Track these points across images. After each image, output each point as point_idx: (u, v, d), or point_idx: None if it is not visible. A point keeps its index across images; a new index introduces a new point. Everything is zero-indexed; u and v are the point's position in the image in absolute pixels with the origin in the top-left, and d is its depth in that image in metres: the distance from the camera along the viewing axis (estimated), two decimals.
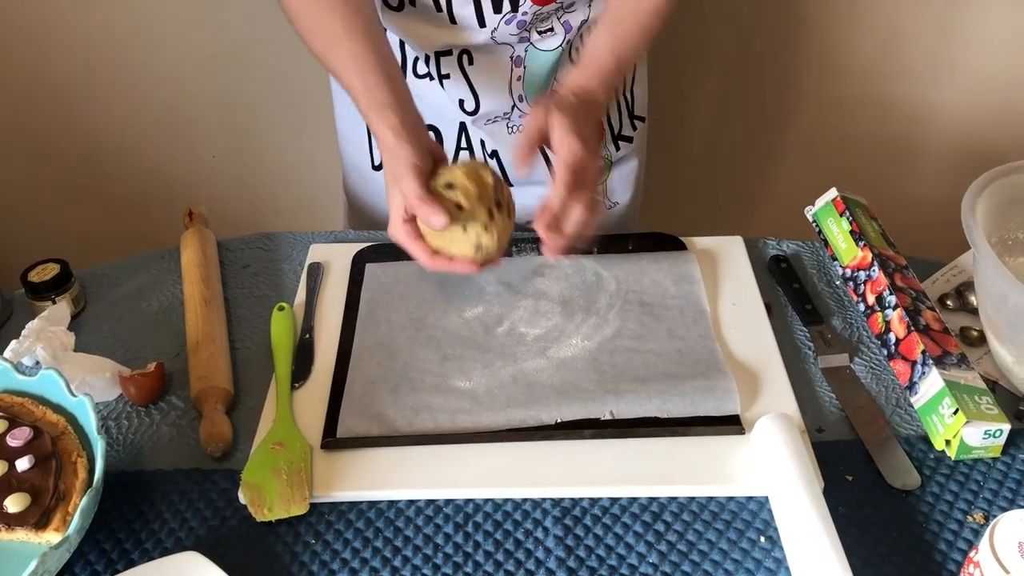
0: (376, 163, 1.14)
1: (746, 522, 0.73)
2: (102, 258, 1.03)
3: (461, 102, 1.04)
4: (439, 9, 0.96)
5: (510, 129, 1.06)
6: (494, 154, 1.08)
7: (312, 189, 1.69)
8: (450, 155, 1.10)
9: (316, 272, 0.97)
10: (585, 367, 0.85)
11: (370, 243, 1.02)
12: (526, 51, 1.01)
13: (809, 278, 0.97)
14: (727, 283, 0.95)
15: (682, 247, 1.00)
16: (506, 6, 0.95)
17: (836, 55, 1.59)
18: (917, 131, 1.65)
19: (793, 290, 0.94)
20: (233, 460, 0.79)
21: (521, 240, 1.00)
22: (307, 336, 0.89)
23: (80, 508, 0.64)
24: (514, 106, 1.04)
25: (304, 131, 1.63)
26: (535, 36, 1.00)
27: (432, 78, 1.03)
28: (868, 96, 1.62)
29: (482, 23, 0.97)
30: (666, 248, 1.00)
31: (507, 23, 0.97)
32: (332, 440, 0.79)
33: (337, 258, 1.00)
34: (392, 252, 0.99)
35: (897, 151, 1.67)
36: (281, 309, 0.91)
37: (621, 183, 1.17)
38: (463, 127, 1.08)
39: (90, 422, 0.71)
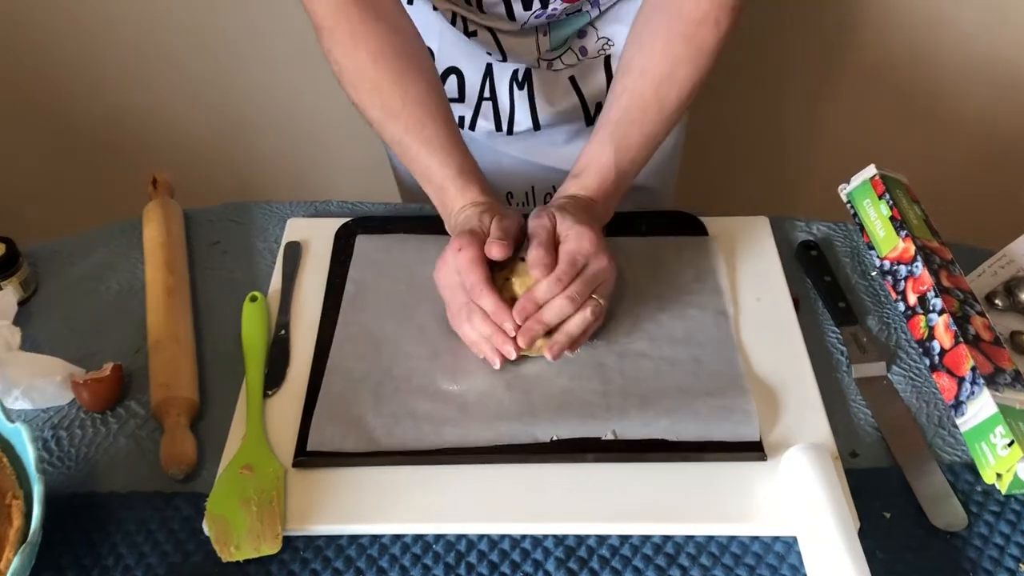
0: None
1: (772, 567, 0.65)
2: (53, 230, 0.93)
3: (488, 53, 0.97)
4: (468, 2, 0.91)
5: (538, 63, 0.98)
6: (527, 78, 0.98)
7: (298, 152, 1.54)
8: (473, 100, 1.01)
9: (293, 254, 0.87)
10: (589, 374, 0.76)
11: (356, 216, 0.92)
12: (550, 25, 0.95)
13: (842, 269, 0.87)
14: (751, 273, 0.85)
15: (701, 229, 0.90)
16: (536, 4, 0.89)
17: (875, 12, 1.44)
18: (960, 99, 1.51)
19: (824, 283, 0.85)
20: (199, 481, 0.71)
21: (525, 217, 0.90)
22: (282, 333, 0.80)
23: (12, 570, 0.56)
24: (539, 59, 0.97)
25: (294, 78, 1.47)
26: (564, 17, 0.94)
27: (458, 32, 0.96)
28: (909, 60, 1.48)
29: (512, 17, 0.91)
30: (684, 230, 0.89)
31: (536, 17, 0.92)
32: (305, 459, 0.70)
33: (318, 235, 0.90)
34: (384, 225, 0.90)
35: (939, 122, 1.52)
36: (253, 300, 0.82)
37: (652, 164, 1.06)
38: (489, 69, 0.99)
39: (28, 455, 0.62)
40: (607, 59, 1.00)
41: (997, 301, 0.83)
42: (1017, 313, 0.82)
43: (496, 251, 0.73)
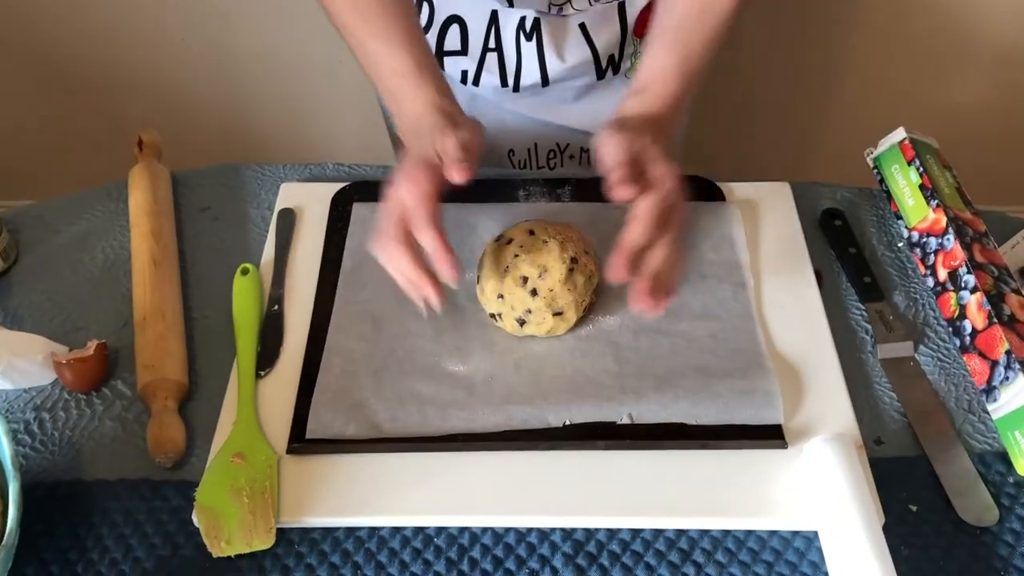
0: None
1: (791, 564, 0.62)
2: (39, 191, 0.89)
3: None
4: None
5: (549, 8, 0.90)
6: (535, 28, 0.91)
7: (292, 111, 1.46)
8: (477, 52, 0.94)
9: (287, 221, 0.83)
10: (602, 352, 0.72)
11: (355, 179, 0.87)
12: None
13: (867, 239, 0.83)
14: (771, 244, 0.81)
15: (719, 195, 0.85)
16: None
17: None
18: (996, 53, 1.42)
19: (849, 256, 0.80)
20: (188, 468, 0.67)
21: (530, 182, 0.86)
22: (276, 308, 0.76)
23: None
24: (550, 3, 0.89)
25: (289, 34, 1.39)
26: None
27: None
28: (943, 7, 1.40)
29: None
30: (700, 196, 0.84)
31: None
32: (300, 446, 0.67)
33: (313, 201, 0.85)
34: (382, 188, 0.85)
35: (967, 81, 1.45)
36: (245, 272, 0.77)
37: None
38: (495, 17, 0.91)
39: (3, 451, 0.58)
40: (621, 6, 0.93)
41: None
42: None
43: (457, 175, 0.67)
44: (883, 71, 1.44)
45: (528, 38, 0.93)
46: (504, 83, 0.96)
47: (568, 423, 0.67)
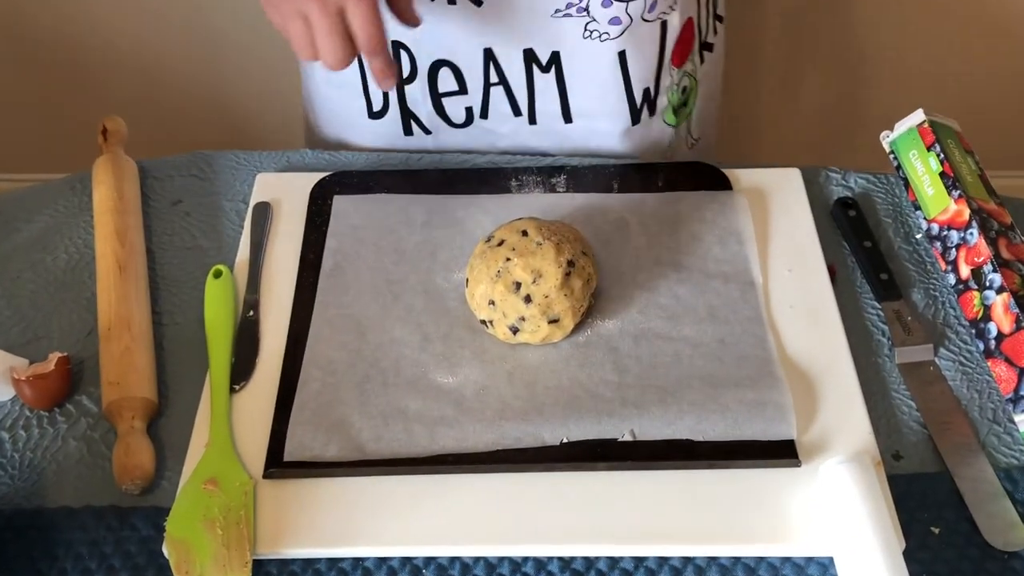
0: (375, 109, 0.89)
1: None
2: None
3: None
4: None
5: (588, 32, 0.81)
6: (552, 61, 0.82)
7: (269, 94, 1.36)
8: (478, 90, 0.85)
9: (263, 216, 0.77)
10: (601, 360, 0.67)
11: (336, 170, 0.81)
12: None
13: (883, 231, 0.77)
14: (781, 237, 0.76)
15: (725, 183, 0.79)
16: None
17: None
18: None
19: (864, 250, 0.75)
20: (159, 493, 0.63)
21: (523, 170, 0.80)
22: (251, 314, 0.71)
23: None
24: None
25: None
26: None
27: None
28: None
29: None
30: (705, 184, 0.79)
31: None
32: (278, 469, 0.62)
33: (290, 194, 0.79)
34: (366, 181, 0.79)
35: (990, 55, 1.37)
36: (218, 275, 0.72)
37: (706, 110, 0.93)
38: (490, 54, 0.82)
39: None
40: (664, 25, 0.83)
41: None
42: None
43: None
44: (901, 46, 1.37)
45: (544, 70, 0.84)
46: (517, 112, 0.86)
47: (565, 441, 0.63)
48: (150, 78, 1.34)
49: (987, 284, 0.68)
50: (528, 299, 0.65)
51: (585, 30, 0.81)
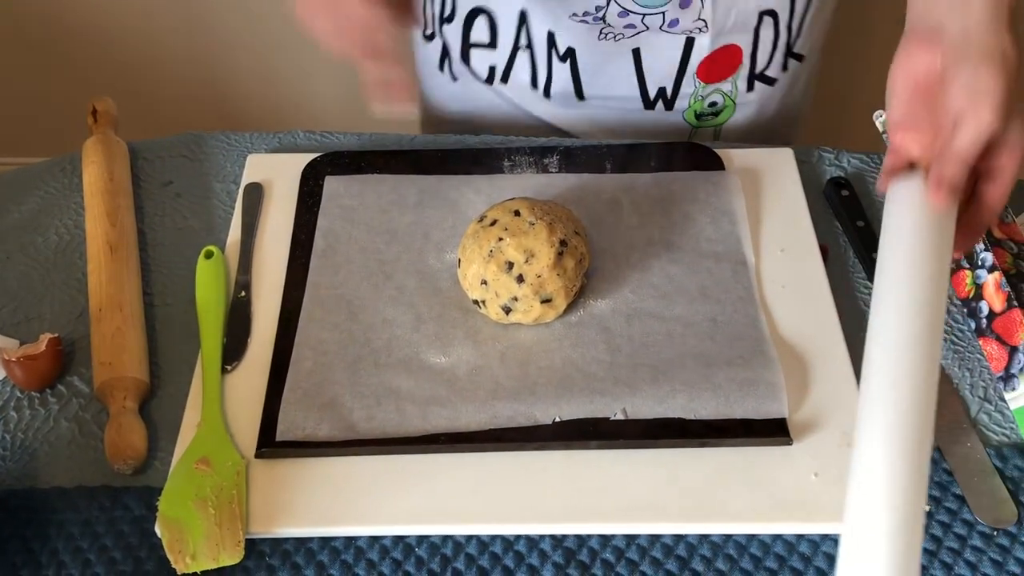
0: (428, 32, 0.90)
1: (796, 571, 0.58)
2: None
3: None
4: None
5: (603, 34, 0.81)
6: (568, 55, 0.84)
7: (261, 75, 1.35)
8: (506, 49, 0.86)
9: (254, 197, 0.77)
10: (593, 339, 0.67)
11: (327, 151, 0.81)
12: None
13: (876, 212, 0.77)
14: (774, 217, 0.75)
15: (717, 163, 0.79)
16: None
17: None
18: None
19: (856, 230, 0.75)
20: (151, 473, 0.63)
21: (515, 151, 0.80)
22: (243, 295, 0.70)
23: None
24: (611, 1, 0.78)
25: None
26: None
27: None
28: None
29: None
30: (697, 164, 0.79)
31: None
32: (271, 449, 0.62)
33: (282, 174, 0.79)
34: (357, 162, 0.79)
35: None
36: (209, 256, 0.72)
37: (742, 126, 0.91)
38: (524, 17, 0.83)
39: None
40: (689, 42, 0.82)
41: None
42: None
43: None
44: (894, 23, 1.36)
45: (562, 59, 0.84)
46: (535, 84, 0.87)
47: (558, 420, 0.63)
48: (140, 60, 1.33)
49: (979, 263, 0.68)
50: (521, 279, 0.65)
51: (600, 33, 0.81)
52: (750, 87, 0.88)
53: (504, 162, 0.79)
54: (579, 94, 0.86)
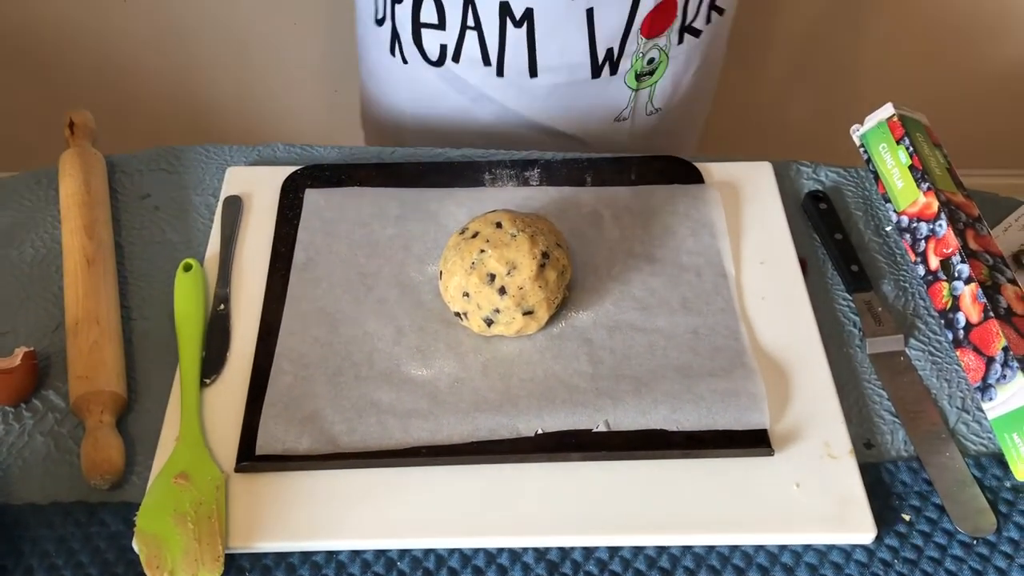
0: (379, 16, 0.92)
1: None
2: None
3: None
4: None
5: None
6: (526, 17, 0.85)
7: (239, 87, 1.35)
8: (455, 29, 0.88)
9: (233, 210, 0.77)
10: (575, 352, 0.67)
11: (307, 164, 0.81)
12: None
13: (854, 224, 0.78)
14: (753, 231, 0.76)
15: (697, 177, 0.80)
16: None
17: None
18: (989, 36, 1.37)
19: (835, 242, 0.76)
20: (128, 488, 0.62)
21: (496, 164, 0.80)
22: (222, 308, 0.70)
23: None
24: None
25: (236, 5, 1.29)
26: None
27: None
28: None
29: None
30: (677, 178, 0.79)
31: None
32: (250, 463, 0.61)
33: (261, 187, 0.79)
34: (338, 175, 0.79)
35: (958, 57, 1.39)
36: (188, 269, 0.71)
37: (671, 84, 0.95)
38: (468, 1, 0.85)
39: None
40: None
41: None
42: None
43: None
44: (872, 41, 1.39)
45: (517, 24, 0.86)
46: (487, 61, 0.89)
47: (540, 432, 0.63)
48: (117, 74, 1.32)
49: (956, 275, 0.69)
50: (503, 291, 0.65)
51: None
52: (680, 40, 0.91)
53: (485, 175, 0.79)
54: (532, 68, 0.88)
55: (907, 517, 0.61)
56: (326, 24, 1.19)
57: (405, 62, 0.93)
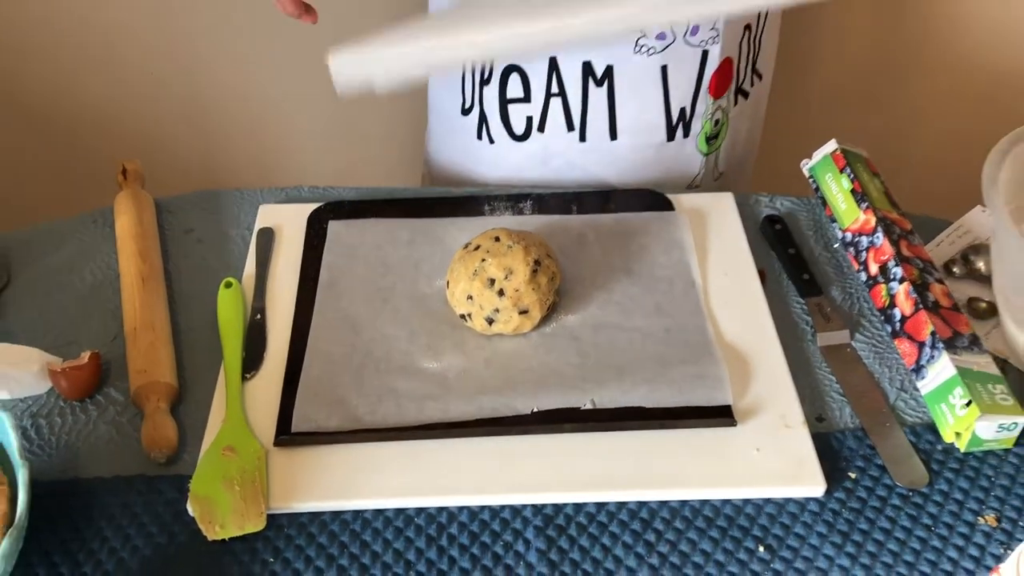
0: (467, 105, 1.01)
1: (743, 528, 0.67)
2: (24, 222, 0.93)
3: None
4: None
5: (638, 46, 0.91)
6: (606, 75, 0.93)
7: (265, 137, 1.50)
8: (539, 99, 0.96)
9: (266, 239, 0.88)
10: (565, 347, 0.78)
11: (326, 201, 0.93)
12: None
13: (806, 241, 0.90)
14: (718, 249, 0.87)
15: (668, 205, 0.92)
16: None
17: None
18: (919, 78, 1.52)
19: (788, 256, 0.87)
20: (181, 464, 0.71)
21: (494, 197, 0.92)
22: (258, 317, 0.81)
23: (1, 553, 0.56)
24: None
25: (261, 65, 1.44)
26: None
27: None
28: (867, 36, 1.49)
29: None
30: (651, 207, 0.91)
31: None
32: (287, 437, 0.71)
33: (290, 221, 0.90)
34: (356, 208, 0.91)
35: (896, 98, 1.54)
36: (228, 286, 0.82)
37: (731, 147, 1.04)
38: (553, 64, 0.93)
39: (11, 442, 0.63)
40: (704, 54, 0.93)
41: (955, 269, 0.86)
42: (974, 280, 0.85)
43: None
44: (820, 96, 1.54)
45: (599, 83, 0.94)
46: (570, 126, 0.97)
47: (536, 410, 0.73)
48: (154, 131, 1.46)
49: (892, 277, 0.80)
50: (501, 293, 0.76)
51: (636, 44, 0.92)
52: (736, 101, 1.00)
53: (485, 207, 0.91)
54: (612, 130, 0.95)
55: (853, 475, 0.70)
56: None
57: (492, 142, 1.00)
